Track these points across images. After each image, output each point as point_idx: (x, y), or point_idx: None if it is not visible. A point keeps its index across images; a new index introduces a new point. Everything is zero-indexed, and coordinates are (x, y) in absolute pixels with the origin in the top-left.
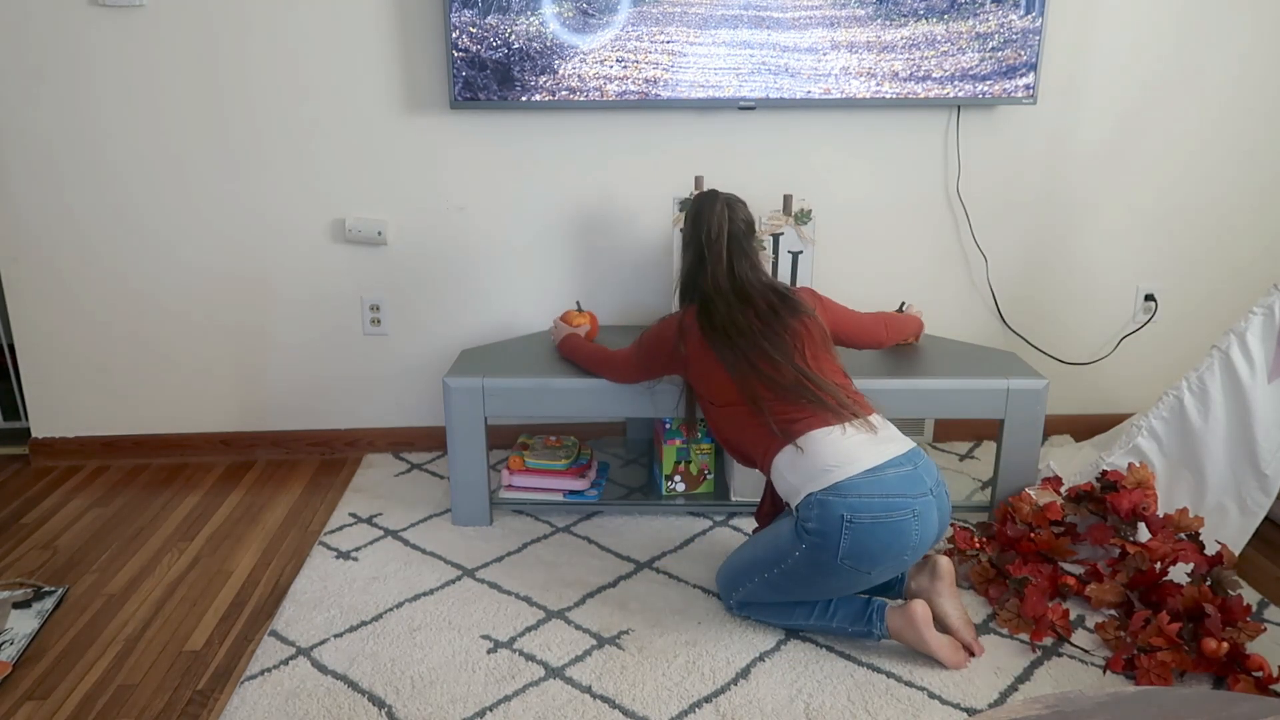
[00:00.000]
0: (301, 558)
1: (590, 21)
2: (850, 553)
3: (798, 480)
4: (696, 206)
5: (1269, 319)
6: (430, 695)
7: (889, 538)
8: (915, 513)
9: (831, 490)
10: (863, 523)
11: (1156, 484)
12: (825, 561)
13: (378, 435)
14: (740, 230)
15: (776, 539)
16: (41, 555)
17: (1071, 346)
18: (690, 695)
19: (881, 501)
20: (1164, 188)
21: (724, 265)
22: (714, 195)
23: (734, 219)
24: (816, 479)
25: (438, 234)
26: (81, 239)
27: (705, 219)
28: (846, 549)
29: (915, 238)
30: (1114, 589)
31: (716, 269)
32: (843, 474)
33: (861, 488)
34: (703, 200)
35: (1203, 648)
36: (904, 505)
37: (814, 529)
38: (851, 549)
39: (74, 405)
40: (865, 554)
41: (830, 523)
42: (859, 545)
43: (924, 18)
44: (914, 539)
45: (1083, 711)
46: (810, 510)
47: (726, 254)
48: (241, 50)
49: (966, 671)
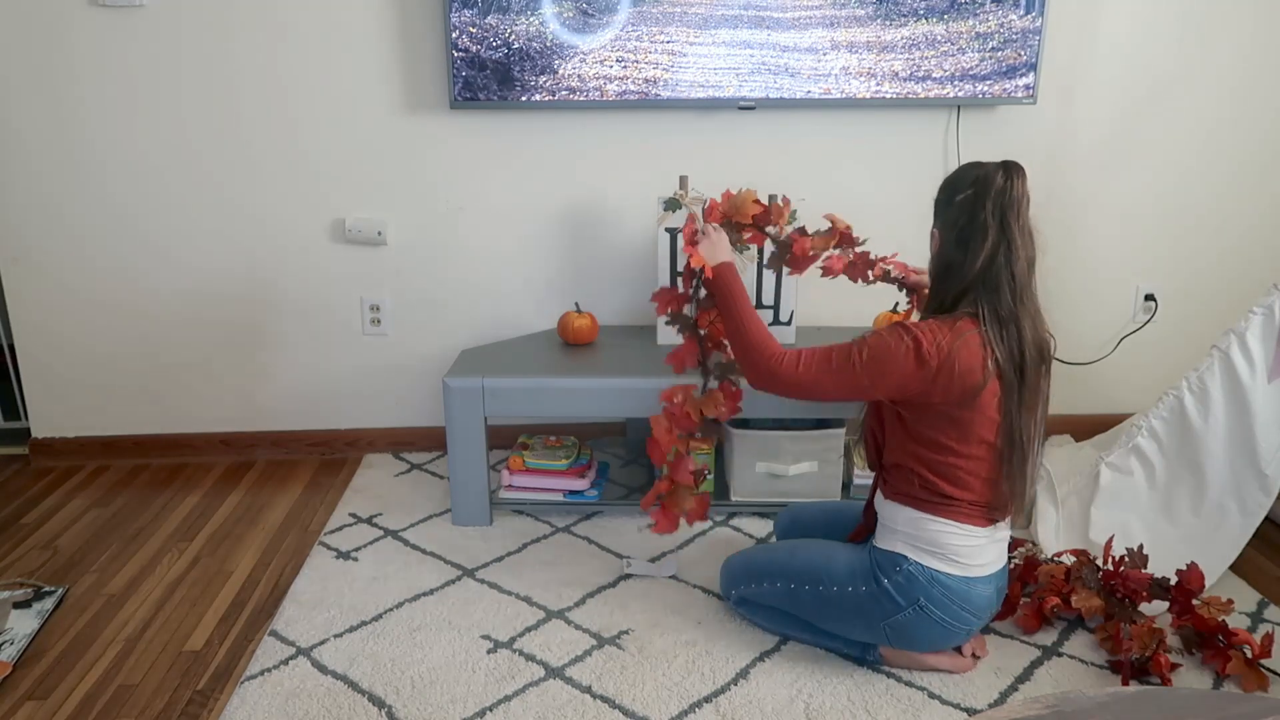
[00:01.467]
0: (301, 558)
1: (590, 21)
2: (898, 626)
3: (906, 532)
4: (979, 171)
5: (1269, 319)
6: (430, 695)
7: (939, 636)
8: (969, 631)
9: (926, 573)
10: (930, 616)
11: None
12: (872, 615)
13: (378, 435)
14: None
15: (829, 562)
16: (41, 555)
17: (1071, 346)
18: (690, 695)
19: (957, 611)
20: (1164, 188)
21: (1024, 266)
22: (1007, 163)
23: (1027, 199)
24: (924, 550)
25: (438, 234)
26: (81, 239)
27: (1001, 188)
28: (899, 622)
29: (915, 238)
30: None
31: (1018, 267)
32: (948, 569)
33: (952, 592)
34: (987, 167)
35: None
36: (970, 623)
37: (886, 587)
38: (902, 625)
39: (74, 405)
40: (908, 634)
41: (906, 597)
42: (911, 627)
43: (924, 18)
44: (950, 644)
45: (1083, 711)
46: (895, 571)
47: (1028, 251)
48: (242, 50)
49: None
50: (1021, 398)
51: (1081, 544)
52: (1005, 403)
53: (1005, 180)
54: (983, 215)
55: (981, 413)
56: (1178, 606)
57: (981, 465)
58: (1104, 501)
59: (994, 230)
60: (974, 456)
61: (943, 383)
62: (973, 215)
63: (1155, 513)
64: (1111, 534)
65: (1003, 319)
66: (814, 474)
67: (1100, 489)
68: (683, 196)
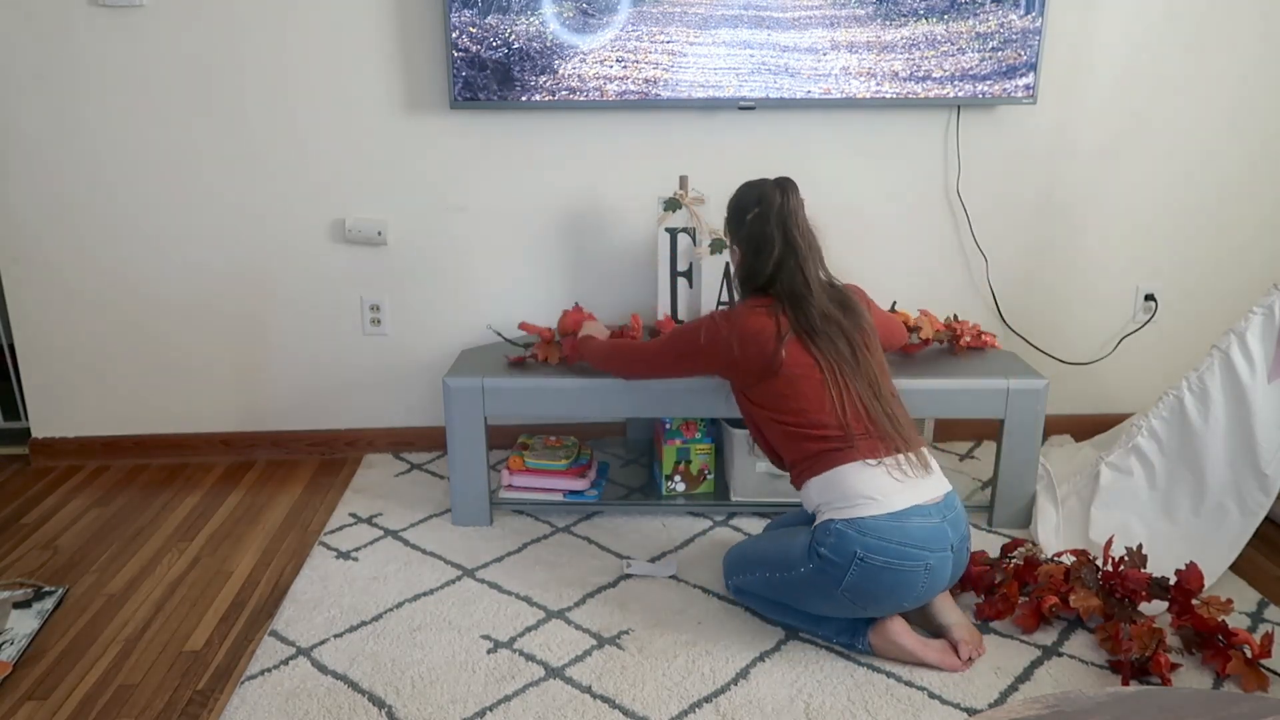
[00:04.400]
0: (301, 558)
1: (590, 21)
2: (852, 588)
3: (822, 501)
4: (759, 191)
5: (1269, 319)
6: (430, 695)
7: (895, 584)
8: (928, 567)
9: (852, 524)
10: (873, 564)
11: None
12: (826, 587)
13: (378, 435)
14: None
15: (789, 547)
16: (41, 555)
17: (1071, 346)
18: (690, 695)
19: (897, 549)
20: (1164, 188)
21: (812, 260)
22: (780, 180)
23: (801, 207)
24: (841, 507)
25: (438, 234)
26: (81, 239)
27: (779, 204)
28: (850, 583)
29: (915, 238)
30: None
31: (806, 263)
32: (867, 510)
33: (882, 530)
34: (764, 186)
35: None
36: (919, 558)
37: (825, 555)
38: (855, 585)
39: (74, 405)
40: (867, 593)
41: (842, 554)
42: (863, 584)
43: (924, 18)
44: (919, 591)
45: (1083, 711)
46: (827, 536)
47: (809, 247)
48: (241, 50)
49: (966, 671)
50: (819, 345)
51: (1081, 544)
52: (810, 352)
53: (782, 197)
54: (769, 229)
55: (794, 367)
56: (1177, 606)
57: (821, 402)
58: (1104, 501)
59: (779, 240)
60: (810, 396)
61: (740, 344)
62: (761, 229)
63: (1155, 513)
64: (1111, 534)
65: (794, 298)
66: None
67: (1100, 489)
68: (683, 196)
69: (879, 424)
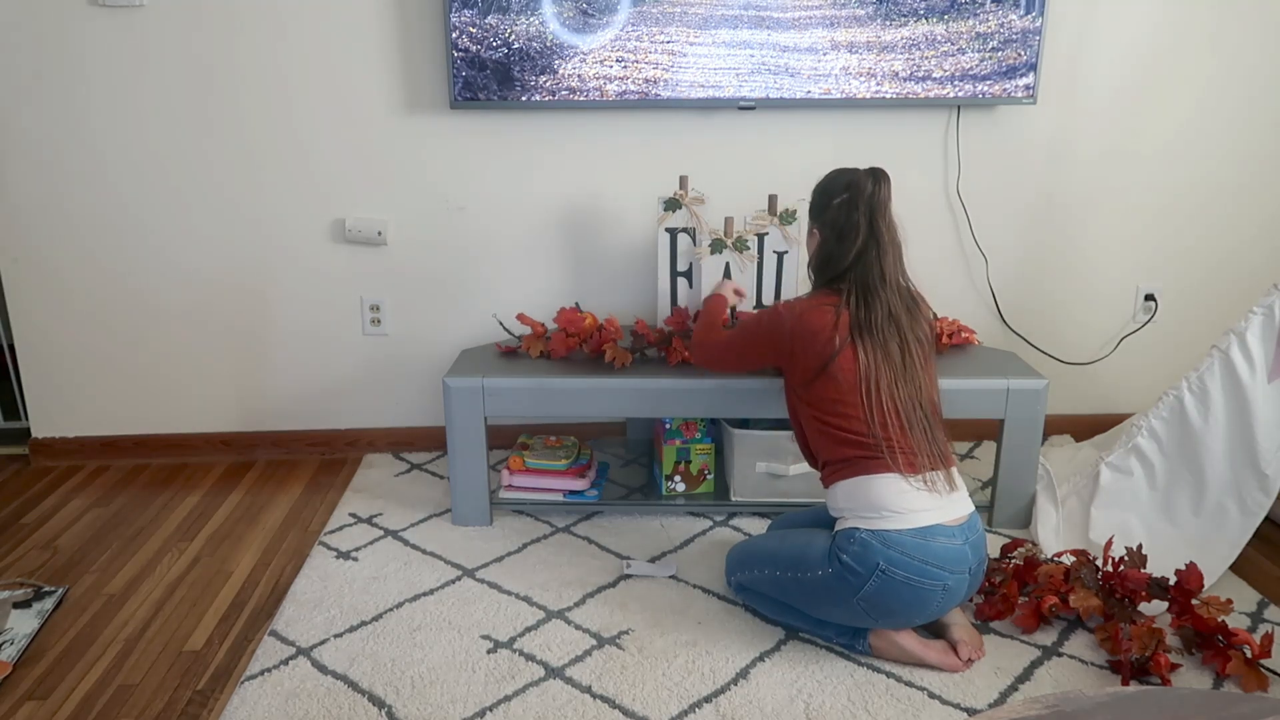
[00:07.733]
0: (301, 558)
1: (590, 21)
2: (869, 598)
3: (848, 507)
4: (849, 177)
5: (1269, 319)
6: (430, 695)
7: (912, 600)
8: (945, 587)
9: (877, 535)
10: (895, 578)
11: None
12: (842, 594)
13: (378, 435)
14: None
15: (806, 548)
16: (41, 555)
17: (1071, 346)
18: (690, 695)
19: (919, 566)
20: (1164, 188)
21: (892, 255)
22: (873, 169)
23: (890, 199)
24: (867, 516)
25: (438, 234)
26: (81, 239)
27: (870, 193)
28: (868, 593)
29: (915, 238)
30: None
31: (886, 257)
32: (893, 524)
33: (906, 545)
34: (856, 173)
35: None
36: (939, 578)
37: (847, 561)
38: (872, 596)
39: (74, 405)
40: (882, 606)
41: (865, 564)
42: (881, 596)
43: (924, 18)
44: (933, 609)
45: (1083, 711)
46: (850, 543)
47: (891, 241)
48: (241, 50)
49: (966, 671)
50: (871, 347)
51: (1081, 544)
52: (860, 362)
53: (874, 185)
54: (855, 216)
55: (843, 372)
56: (1177, 606)
57: (861, 409)
58: (1104, 501)
59: (864, 229)
60: (853, 401)
61: (799, 337)
62: (848, 216)
63: (1155, 513)
64: (1111, 534)
65: (865, 291)
66: (814, 474)
67: (1100, 489)
68: (683, 196)
69: (915, 436)
